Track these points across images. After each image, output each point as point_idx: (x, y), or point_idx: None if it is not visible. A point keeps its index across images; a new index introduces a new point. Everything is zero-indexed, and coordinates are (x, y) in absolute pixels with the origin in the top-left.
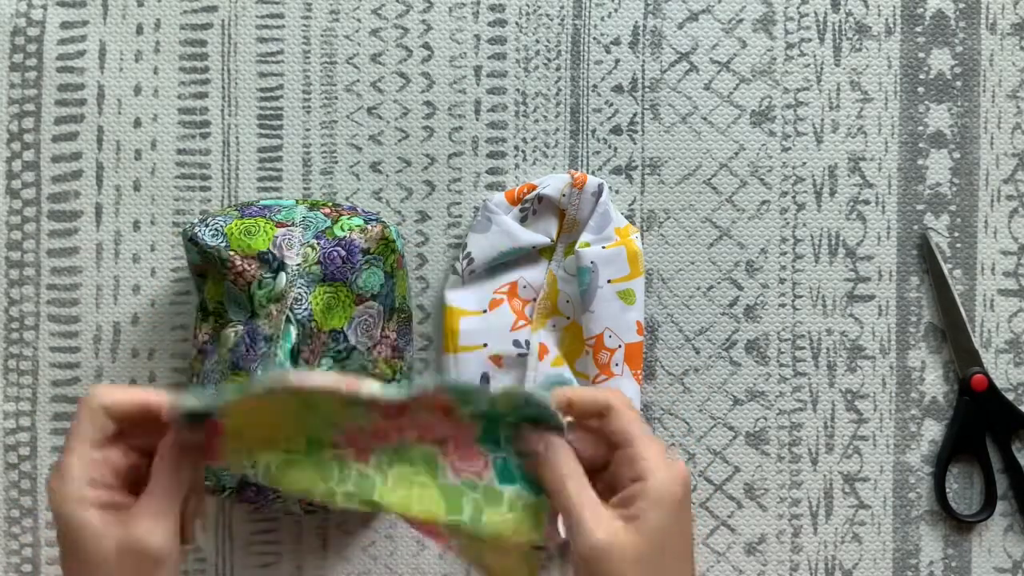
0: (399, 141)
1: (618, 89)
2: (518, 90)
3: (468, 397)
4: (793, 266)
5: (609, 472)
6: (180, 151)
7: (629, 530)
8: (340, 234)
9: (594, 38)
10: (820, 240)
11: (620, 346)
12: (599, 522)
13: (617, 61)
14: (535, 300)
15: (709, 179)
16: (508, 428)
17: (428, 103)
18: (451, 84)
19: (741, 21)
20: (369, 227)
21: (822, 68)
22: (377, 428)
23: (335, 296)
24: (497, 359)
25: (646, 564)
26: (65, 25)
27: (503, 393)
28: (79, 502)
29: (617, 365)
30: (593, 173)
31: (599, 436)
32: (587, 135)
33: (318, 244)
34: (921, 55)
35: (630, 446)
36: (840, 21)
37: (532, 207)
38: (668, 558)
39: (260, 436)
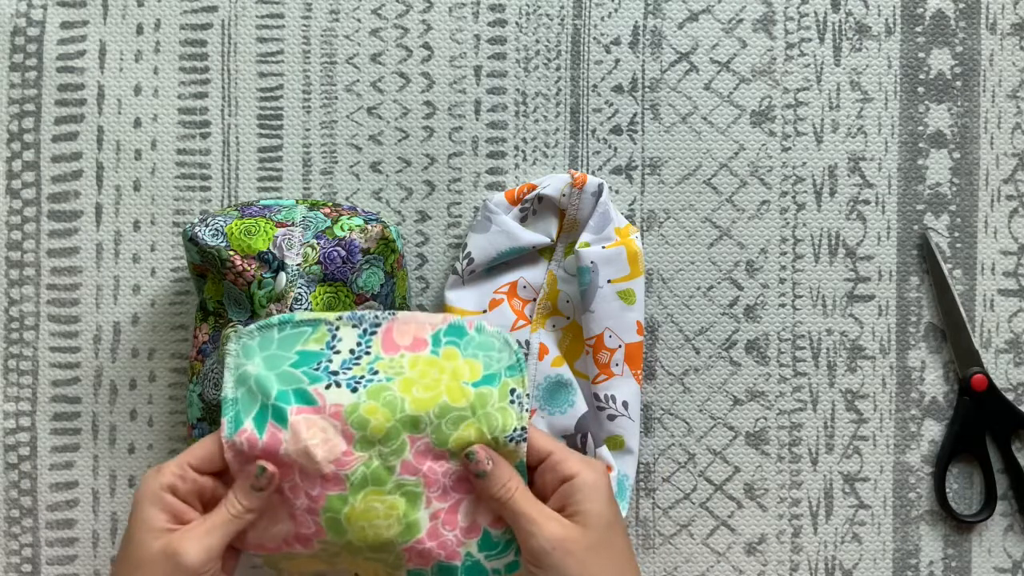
0: (399, 141)
1: (618, 89)
2: (518, 90)
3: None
4: (793, 266)
5: (533, 489)
6: (180, 151)
7: (576, 526)
8: (340, 234)
9: (594, 38)
10: (820, 240)
11: (620, 346)
12: (550, 519)
13: (617, 61)
14: (535, 300)
15: (709, 179)
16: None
17: (428, 103)
18: (451, 84)
19: (741, 21)
20: (369, 227)
21: (822, 68)
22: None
23: (335, 296)
24: None
25: (597, 549)
26: (65, 25)
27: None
28: (153, 498)
29: (617, 365)
30: (593, 173)
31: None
32: (587, 135)
33: (318, 244)
34: (921, 55)
35: (550, 456)
36: (840, 21)
37: (532, 207)
38: (614, 541)
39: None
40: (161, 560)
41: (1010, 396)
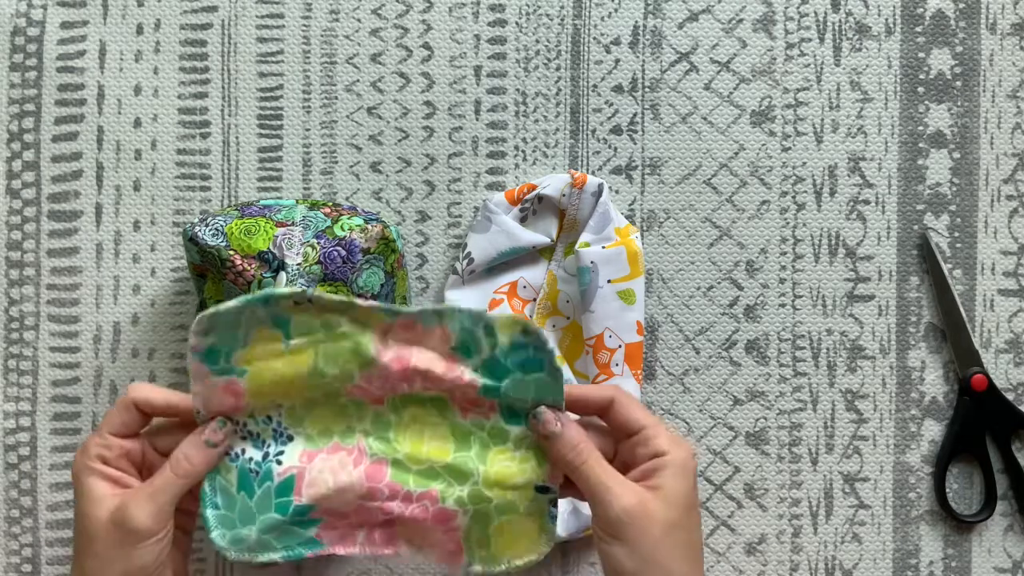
0: (399, 141)
1: (618, 89)
2: (518, 90)
3: (466, 323)
4: (793, 266)
5: (618, 460)
6: (180, 151)
7: (656, 498)
8: (340, 234)
9: (594, 38)
10: (820, 240)
11: (620, 346)
12: (626, 489)
13: (617, 61)
14: (535, 300)
15: (709, 179)
16: (511, 391)
17: (428, 103)
18: (451, 84)
19: (741, 21)
20: (369, 227)
21: (822, 68)
22: (387, 375)
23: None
24: None
25: (673, 528)
26: (65, 25)
27: (502, 319)
28: (87, 470)
29: (617, 365)
30: (593, 173)
31: (603, 430)
32: (587, 135)
33: (318, 244)
34: (921, 55)
35: (643, 430)
36: (840, 21)
37: (532, 207)
38: (691, 525)
39: (279, 392)
40: (112, 529)
41: (1010, 396)
